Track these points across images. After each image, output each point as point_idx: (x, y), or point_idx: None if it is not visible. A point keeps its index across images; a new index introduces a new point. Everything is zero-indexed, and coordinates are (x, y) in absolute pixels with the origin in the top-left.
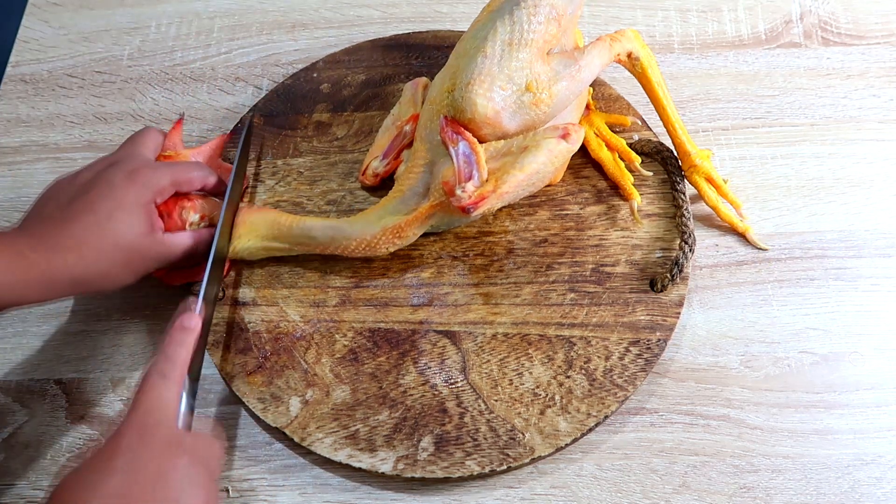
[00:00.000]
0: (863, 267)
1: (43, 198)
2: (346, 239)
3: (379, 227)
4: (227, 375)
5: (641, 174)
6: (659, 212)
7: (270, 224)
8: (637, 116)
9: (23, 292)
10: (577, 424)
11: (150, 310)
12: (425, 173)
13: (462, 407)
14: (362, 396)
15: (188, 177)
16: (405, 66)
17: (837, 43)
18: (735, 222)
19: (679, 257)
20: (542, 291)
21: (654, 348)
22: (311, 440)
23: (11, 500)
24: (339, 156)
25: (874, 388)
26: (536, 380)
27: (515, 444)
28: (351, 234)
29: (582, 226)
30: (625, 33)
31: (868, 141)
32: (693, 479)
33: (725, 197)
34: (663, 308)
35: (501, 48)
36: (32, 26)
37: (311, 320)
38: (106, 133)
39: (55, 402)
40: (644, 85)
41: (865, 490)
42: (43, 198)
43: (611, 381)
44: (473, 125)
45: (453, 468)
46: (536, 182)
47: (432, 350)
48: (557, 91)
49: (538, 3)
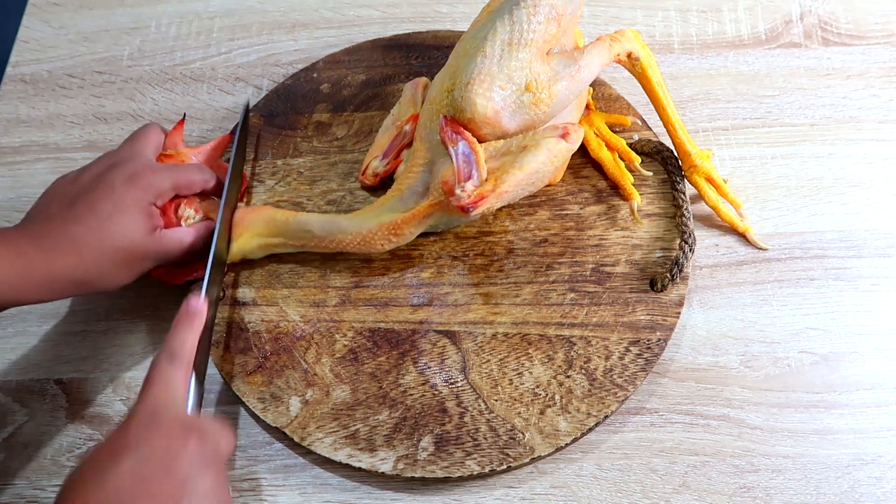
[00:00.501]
0: (863, 267)
1: (45, 197)
2: (342, 233)
3: (375, 223)
4: (227, 375)
5: (641, 174)
6: (659, 212)
7: (267, 221)
8: (637, 116)
9: (23, 291)
10: (577, 424)
11: (150, 310)
12: (425, 173)
13: (462, 407)
14: (362, 396)
15: (189, 180)
16: (405, 66)
17: (837, 43)
18: (735, 222)
19: (679, 257)
20: (542, 291)
21: (654, 348)
22: (311, 440)
23: (11, 500)
24: (339, 156)
25: (874, 388)
26: (536, 379)
27: (515, 444)
28: (347, 228)
29: (582, 226)
30: (625, 33)
31: (868, 141)
32: (693, 479)
33: (726, 197)
34: (663, 308)
35: (501, 48)
36: (32, 26)
37: (311, 320)
38: (106, 133)
39: (55, 402)
40: (644, 85)
41: (865, 490)
42: (45, 197)
43: (611, 380)
44: (473, 125)
45: (453, 468)
46: (536, 182)
47: (432, 350)
48: (557, 91)
49: (538, 3)
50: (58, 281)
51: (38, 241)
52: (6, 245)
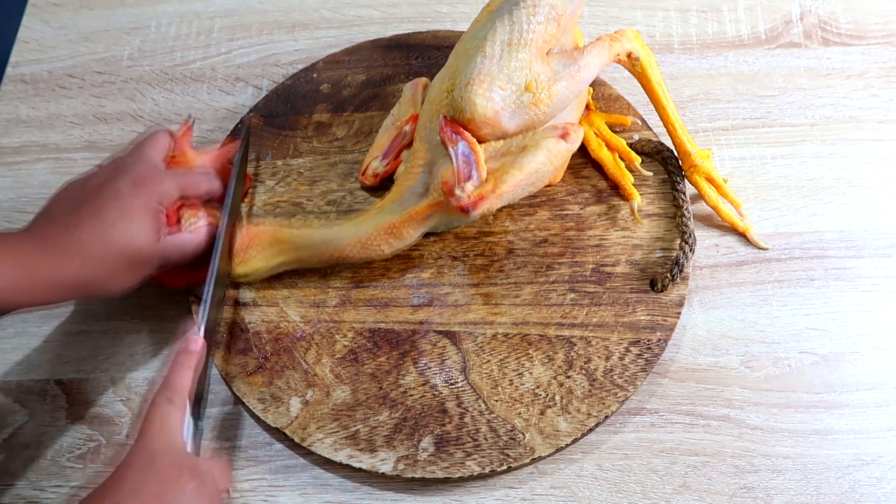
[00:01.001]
0: (863, 267)
1: (51, 201)
2: (341, 240)
3: (374, 226)
4: (228, 376)
5: (641, 174)
6: (659, 212)
7: (272, 243)
8: (637, 116)
9: (27, 295)
10: (578, 425)
11: (150, 310)
12: (425, 173)
13: (462, 407)
14: (362, 397)
15: (195, 186)
16: (405, 67)
17: (837, 43)
18: (736, 222)
19: (679, 257)
20: (543, 291)
21: (654, 348)
22: (312, 440)
23: (11, 500)
24: (339, 156)
25: (874, 388)
26: (537, 380)
27: (516, 445)
28: (347, 234)
29: (582, 226)
30: (625, 33)
31: (868, 141)
32: (693, 480)
33: (726, 197)
34: (663, 308)
35: (501, 48)
36: (32, 26)
37: (311, 321)
38: (106, 133)
39: (55, 402)
40: (644, 85)
41: (865, 490)
42: (51, 201)
43: (611, 381)
44: (473, 125)
45: (453, 468)
46: (536, 182)
47: (432, 350)
48: (557, 91)
49: (537, 3)
50: (62, 285)
51: (43, 245)
52: (11, 249)
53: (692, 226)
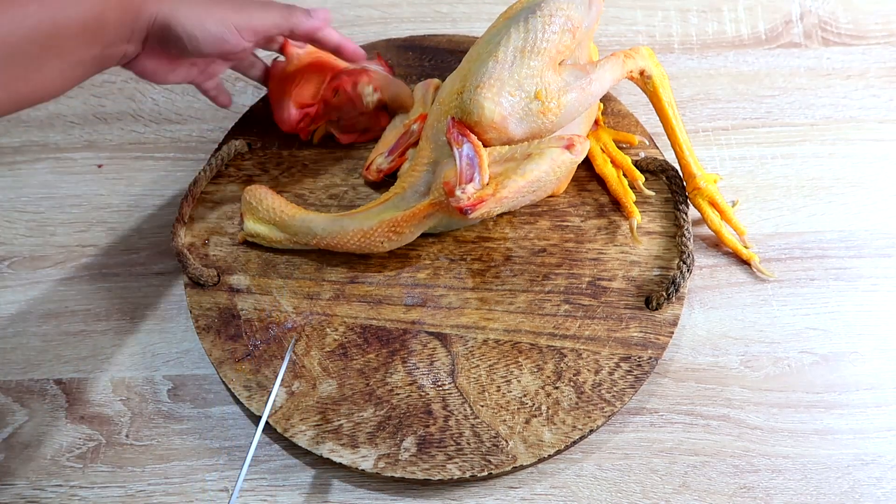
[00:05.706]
0: (863, 267)
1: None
2: (343, 231)
3: (376, 220)
4: (216, 361)
5: (644, 193)
6: (660, 230)
7: (276, 209)
8: (646, 136)
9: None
10: (562, 436)
11: (151, 310)
12: (428, 172)
13: (448, 410)
14: (348, 392)
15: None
16: (417, 68)
17: (837, 43)
18: (739, 249)
19: (676, 277)
20: (537, 301)
21: (644, 366)
22: (294, 432)
23: (11, 500)
24: (345, 151)
25: (874, 388)
26: (524, 388)
27: (498, 451)
28: (349, 226)
29: (582, 238)
30: (639, 50)
31: (868, 141)
32: (693, 479)
33: (730, 223)
34: (657, 326)
35: (513, 54)
36: None
37: (303, 312)
38: (106, 133)
39: (55, 402)
40: (654, 104)
41: (865, 490)
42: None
43: (599, 395)
44: (479, 128)
45: (434, 470)
46: (537, 190)
47: (422, 351)
48: (566, 102)
49: (554, 13)
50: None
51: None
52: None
53: (691, 246)
